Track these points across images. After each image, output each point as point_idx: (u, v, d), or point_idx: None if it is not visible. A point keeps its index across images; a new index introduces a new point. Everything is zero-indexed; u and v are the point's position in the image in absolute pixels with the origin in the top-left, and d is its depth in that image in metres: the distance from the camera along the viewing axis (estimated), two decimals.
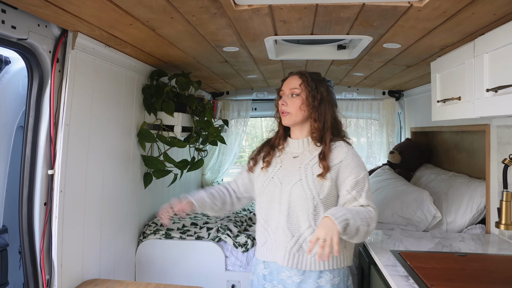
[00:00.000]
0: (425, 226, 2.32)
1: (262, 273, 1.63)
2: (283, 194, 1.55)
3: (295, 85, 1.59)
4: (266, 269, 1.61)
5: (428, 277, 1.39)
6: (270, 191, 1.59)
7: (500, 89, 1.37)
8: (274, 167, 1.62)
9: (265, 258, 1.61)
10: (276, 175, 1.59)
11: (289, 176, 1.56)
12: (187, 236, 2.58)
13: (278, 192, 1.56)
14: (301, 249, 1.51)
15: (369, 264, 1.82)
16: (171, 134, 2.56)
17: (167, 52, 2.14)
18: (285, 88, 1.62)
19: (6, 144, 1.83)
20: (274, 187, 1.58)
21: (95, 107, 1.95)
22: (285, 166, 1.59)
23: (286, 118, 1.59)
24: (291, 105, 1.58)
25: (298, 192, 1.51)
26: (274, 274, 1.59)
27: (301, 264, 1.51)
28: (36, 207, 1.66)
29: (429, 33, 1.67)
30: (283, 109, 1.59)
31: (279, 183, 1.57)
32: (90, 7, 1.39)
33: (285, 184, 1.55)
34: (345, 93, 3.90)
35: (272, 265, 1.59)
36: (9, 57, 1.83)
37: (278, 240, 1.55)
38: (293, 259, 1.52)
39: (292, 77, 1.62)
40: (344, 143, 1.58)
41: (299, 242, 1.51)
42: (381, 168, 3.31)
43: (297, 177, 1.53)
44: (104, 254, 2.13)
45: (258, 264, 1.67)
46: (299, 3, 1.38)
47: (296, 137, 1.63)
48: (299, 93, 1.58)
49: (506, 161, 1.61)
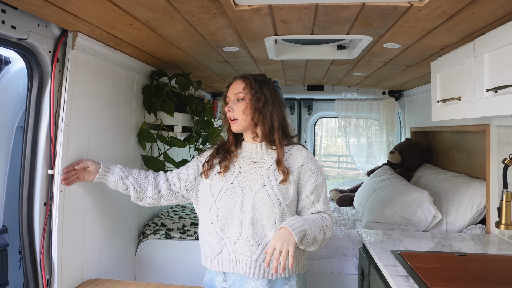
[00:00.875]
0: (425, 226, 2.32)
1: (221, 286, 1.54)
2: (246, 201, 1.48)
3: (238, 90, 1.55)
4: (227, 282, 1.53)
5: (428, 277, 1.39)
6: (229, 198, 1.50)
7: (500, 89, 1.37)
8: (232, 173, 1.54)
9: (223, 269, 1.53)
10: (235, 181, 1.52)
11: (251, 182, 1.50)
12: (187, 236, 2.58)
13: (239, 199, 1.49)
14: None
15: (369, 264, 1.82)
16: (171, 134, 2.56)
17: (167, 52, 2.14)
18: (230, 94, 1.57)
19: (6, 144, 1.83)
20: (234, 194, 1.50)
21: (95, 107, 1.95)
22: (244, 172, 1.53)
23: (235, 125, 1.54)
24: (237, 111, 1.53)
25: (263, 199, 1.46)
26: (236, 286, 1.52)
27: (268, 273, 1.46)
28: (36, 207, 1.66)
29: (429, 33, 1.67)
30: (230, 115, 1.54)
31: (240, 189, 1.50)
32: (90, 7, 1.39)
33: (246, 190, 1.49)
34: (345, 93, 3.90)
35: (234, 276, 1.52)
36: (9, 57, 1.83)
37: (240, 250, 1.48)
38: (259, 269, 1.46)
39: (236, 82, 1.58)
40: (303, 148, 1.57)
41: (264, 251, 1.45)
42: (381, 168, 3.32)
43: (260, 183, 1.48)
44: (104, 254, 2.13)
45: (215, 276, 1.57)
46: (299, 3, 1.38)
47: (251, 141, 1.58)
48: (243, 97, 1.53)
49: (506, 161, 1.61)
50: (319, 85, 3.85)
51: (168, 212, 3.03)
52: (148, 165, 2.53)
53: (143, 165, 2.56)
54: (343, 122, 4.07)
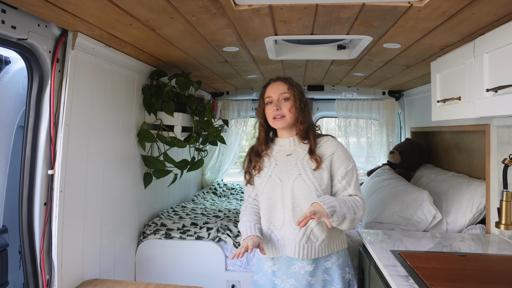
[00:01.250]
0: (425, 226, 2.32)
1: (271, 270, 1.68)
2: (285, 190, 1.63)
3: (283, 90, 1.67)
4: (275, 265, 1.68)
5: (428, 277, 1.39)
6: (270, 189, 1.66)
7: (500, 89, 1.37)
8: (269, 167, 1.70)
9: (273, 254, 1.67)
10: (273, 173, 1.68)
11: (287, 172, 1.65)
12: (187, 236, 2.58)
13: (279, 189, 1.65)
14: (309, 240, 1.61)
15: (369, 264, 1.82)
16: (171, 134, 2.56)
17: (167, 52, 2.14)
18: (273, 93, 1.68)
19: (6, 144, 1.83)
20: (274, 185, 1.66)
21: (95, 107, 1.95)
22: (280, 164, 1.68)
23: (281, 122, 1.66)
24: (284, 109, 1.66)
25: (300, 186, 1.61)
26: (283, 269, 1.66)
27: (311, 253, 1.62)
28: (36, 207, 1.66)
29: (429, 33, 1.67)
30: (278, 113, 1.65)
31: (279, 180, 1.66)
32: (90, 7, 1.39)
33: (285, 180, 1.64)
34: (345, 93, 3.89)
35: (282, 260, 1.66)
36: (9, 57, 1.83)
37: (285, 235, 1.63)
38: (303, 249, 1.61)
39: (278, 83, 1.70)
40: (332, 138, 1.72)
41: (306, 233, 1.61)
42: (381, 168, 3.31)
43: (296, 173, 1.63)
44: (104, 254, 2.13)
45: (265, 262, 1.71)
46: (299, 3, 1.38)
47: (286, 136, 1.72)
48: (289, 97, 1.67)
49: (506, 161, 1.61)
50: (319, 85, 3.85)
51: (168, 212, 3.03)
52: (148, 165, 2.53)
53: (143, 165, 2.56)
54: (343, 122, 4.07)
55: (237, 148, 4.32)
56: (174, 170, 2.62)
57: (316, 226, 1.61)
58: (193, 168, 2.73)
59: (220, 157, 4.36)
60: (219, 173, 4.39)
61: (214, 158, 4.37)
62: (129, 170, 2.39)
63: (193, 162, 2.72)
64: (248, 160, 1.78)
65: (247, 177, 1.78)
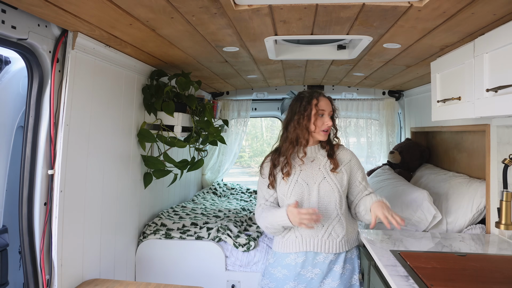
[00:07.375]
0: (425, 226, 2.32)
1: (295, 262, 1.83)
2: (312, 192, 1.83)
3: (331, 108, 1.86)
4: (300, 258, 1.83)
5: (428, 277, 1.39)
6: (298, 192, 1.82)
7: (500, 89, 1.37)
8: (294, 173, 1.85)
9: (295, 250, 1.83)
10: (299, 178, 1.84)
11: (313, 177, 1.84)
12: (187, 236, 2.58)
13: (306, 191, 1.83)
14: (330, 236, 1.81)
15: (369, 264, 1.82)
16: (171, 134, 2.56)
17: (167, 52, 2.14)
18: (325, 108, 1.84)
19: (6, 144, 1.83)
20: (301, 188, 1.82)
21: (95, 107, 1.95)
22: (305, 169, 1.86)
23: (326, 135, 1.86)
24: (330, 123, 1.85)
25: (325, 187, 1.83)
26: (309, 260, 1.82)
27: (332, 248, 1.81)
28: (36, 207, 1.66)
29: (429, 33, 1.67)
30: (329, 127, 1.85)
31: (305, 184, 1.83)
32: (90, 7, 1.39)
33: (311, 184, 1.83)
34: (345, 93, 3.89)
35: (307, 253, 1.83)
36: (9, 57, 1.83)
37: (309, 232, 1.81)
38: (325, 245, 1.81)
39: (326, 99, 1.87)
40: (346, 148, 1.98)
41: (328, 230, 1.81)
42: (381, 168, 3.31)
43: (321, 177, 1.84)
44: (104, 254, 2.13)
45: (285, 256, 1.85)
46: (299, 3, 1.38)
47: (312, 144, 1.90)
48: (332, 114, 1.88)
49: (506, 161, 1.61)
50: (319, 85, 3.85)
51: (168, 212, 3.03)
52: (148, 165, 2.53)
53: (143, 165, 2.56)
54: (343, 122, 4.06)
55: (237, 148, 4.32)
56: (174, 170, 2.62)
57: (337, 224, 1.81)
58: (193, 168, 2.73)
59: (220, 157, 4.36)
60: (219, 173, 4.39)
61: (214, 158, 4.37)
62: (129, 170, 2.39)
63: (193, 162, 2.72)
64: (273, 164, 1.88)
65: (270, 179, 1.87)
